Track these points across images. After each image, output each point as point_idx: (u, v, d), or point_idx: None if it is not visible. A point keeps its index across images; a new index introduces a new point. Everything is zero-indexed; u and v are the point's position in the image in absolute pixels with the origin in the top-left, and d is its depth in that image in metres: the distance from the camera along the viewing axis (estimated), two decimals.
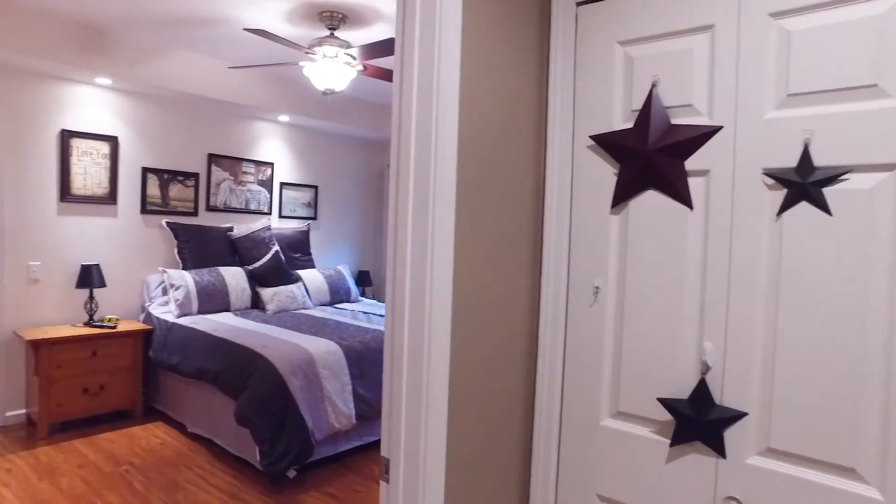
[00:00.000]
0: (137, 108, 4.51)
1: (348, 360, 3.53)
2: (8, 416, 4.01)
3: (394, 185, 1.34)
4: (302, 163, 5.72)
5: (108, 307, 4.40)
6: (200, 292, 4.33)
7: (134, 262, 4.54)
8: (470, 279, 1.39)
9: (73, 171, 4.19)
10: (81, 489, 3.13)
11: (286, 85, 5.04)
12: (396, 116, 1.33)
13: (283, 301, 4.68)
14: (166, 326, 4.11)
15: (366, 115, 5.74)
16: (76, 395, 3.89)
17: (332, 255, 6.06)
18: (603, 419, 1.51)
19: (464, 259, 1.37)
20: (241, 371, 3.32)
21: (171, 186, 4.73)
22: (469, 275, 1.39)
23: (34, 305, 4.08)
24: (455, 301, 1.35)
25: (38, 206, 4.07)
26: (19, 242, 4.01)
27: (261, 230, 5.03)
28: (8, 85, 3.91)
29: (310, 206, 5.80)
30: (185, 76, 4.36)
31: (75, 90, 4.20)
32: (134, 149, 4.51)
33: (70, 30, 3.81)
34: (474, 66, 1.37)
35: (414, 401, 1.32)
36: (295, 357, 3.33)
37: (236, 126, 5.16)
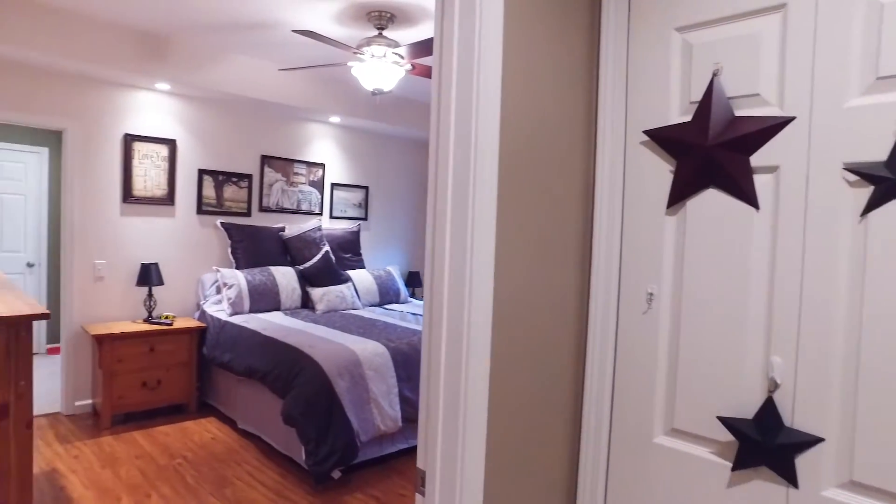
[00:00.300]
0: (194, 112, 4.64)
1: (395, 361, 3.50)
2: (77, 406, 4.20)
3: (432, 184, 1.28)
4: (353, 163, 5.75)
5: (165, 304, 4.54)
6: (252, 291, 4.41)
7: (190, 261, 4.67)
8: (512, 283, 1.31)
9: (135, 174, 4.35)
10: (138, 479, 3.22)
11: (336, 86, 5.07)
12: (435, 112, 1.27)
13: (333, 301, 4.71)
14: (219, 324, 4.20)
15: (415, 114, 5.72)
16: (135, 388, 4.03)
17: (383, 255, 6.07)
18: (656, 436, 1.39)
19: (506, 262, 1.29)
20: (289, 371, 3.34)
21: (225, 187, 4.84)
22: (511, 278, 1.31)
23: (99, 302, 4.25)
24: (496, 306, 1.27)
25: (104, 207, 4.24)
26: (86, 241, 4.18)
27: (312, 230, 5.08)
28: (79, 93, 4.09)
29: (360, 206, 5.83)
30: (238, 80, 4.45)
31: (137, 96, 4.35)
32: (191, 151, 4.64)
33: (133, 38, 3.94)
34: (518, 58, 1.29)
35: (451, 411, 1.25)
36: (341, 358, 3.33)
37: (288, 128, 5.24)
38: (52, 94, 4.01)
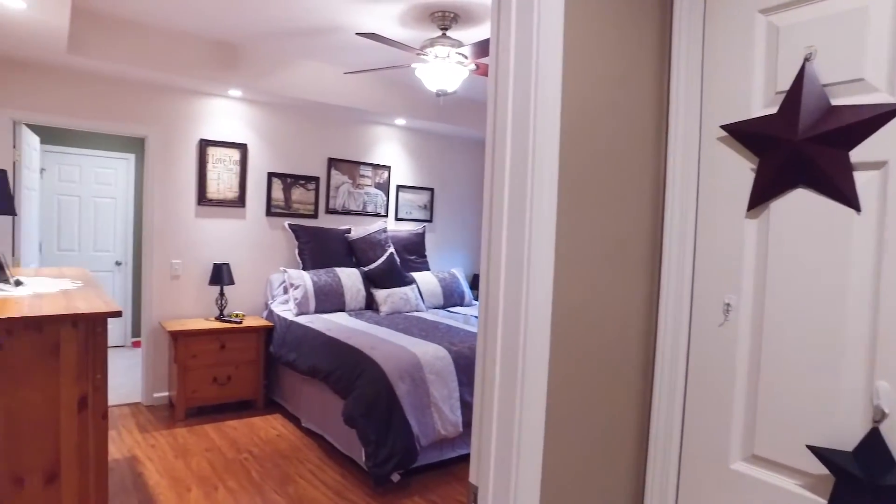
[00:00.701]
0: (264, 117, 4.78)
1: (457, 366, 3.44)
2: (155, 397, 4.41)
3: (487, 187, 1.21)
4: (418, 165, 5.76)
5: (236, 303, 4.70)
6: (317, 292, 4.48)
7: (259, 261, 4.81)
8: (573, 291, 1.22)
9: (209, 177, 4.52)
10: (207, 471, 3.33)
11: (402, 88, 5.09)
12: (491, 112, 1.20)
13: (397, 303, 4.72)
14: (285, 324, 4.30)
15: (480, 115, 5.65)
16: (207, 383, 4.18)
17: (447, 257, 6.05)
18: (733, 462, 1.26)
19: (567, 269, 1.20)
20: (350, 372, 3.35)
21: (293, 190, 4.96)
22: (572, 287, 1.22)
23: (175, 299, 4.45)
24: (555, 317, 1.19)
25: (180, 209, 4.44)
26: (164, 242, 4.39)
27: (377, 232, 5.12)
28: (159, 102, 4.30)
29: (426, 208, 5.83)
30: (305, 84, 4.54)
31: (212, 102, 4.53)
32: (261, 155, 4.78)
33: (208, 48, 4.10)
34: (580, 47, 1.20)
35: (505, 427, 1.18)
36: (402, 361, 3.31)
37: (354, 130, 5.31)
38: (135, 103, 4.23)
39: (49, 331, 1.88)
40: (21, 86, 3.87)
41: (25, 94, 3.89)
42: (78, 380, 1.93)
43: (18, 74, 3.86)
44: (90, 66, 3.85)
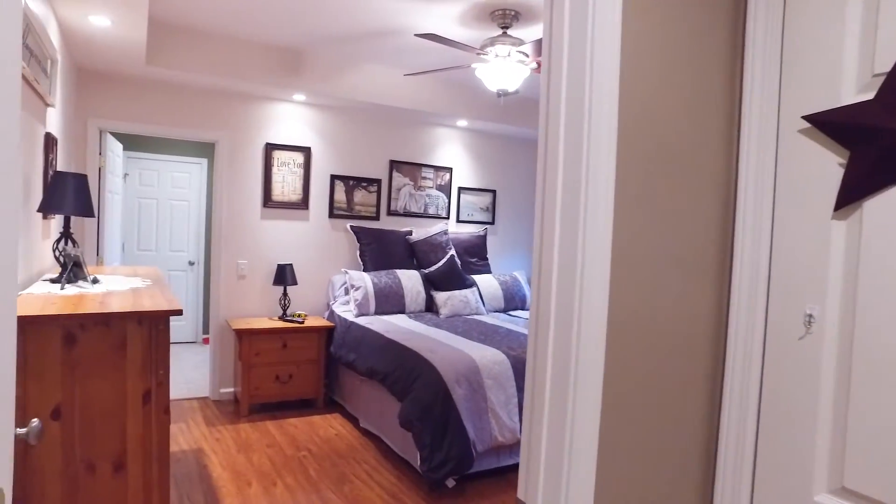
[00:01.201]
0: (327, 120, 4.86)
1: (515, 371, 3.36)
2: (222, 393, 4.57)
3: (540, 190, 1.14)
4: (480, 167, 5.71)
5: (298, 303, 4.80)
6: (378, 294, 4.51)
7: (321, 262, 4.89)
8: (631, 298, 1.13)
9: (274, 180, 4.65)
10: (267, 467, 3.40)
11: (463, 89, 5.05)
12: (543, 111, 1.13)
13: (457, 306, 4.68)
14: (346, 325, 4.34)
15: None
16: (269, 381, 4.28)
17: (509, 260, 5.96)
18: (817, 494, 1.13)
19: (624, 274, 1.11)
20: (407, 374, 3.34)
21: (355, 192, 5.02)
22: (630, 293, 1.13)
23: (241, 298, 4.59)
24: (611, 323, 1.10)
25: (247, 211, 4.58)
26: (232, 242, 4.54)
27: (438, 234, 5.10)
28: (228, 108, 4.46)
29: (487, 210, 5.77)
30: (367, 87, 4.58)
31: (277, 107, 4.65)
32: (324, 158, 4.87)
33: (274, 55, 4.21)
34: (640, 38, 1.11)
35: (556, 440, 1.10)
36: (460, 364, 3.26)
37: (416, 132, 5.32)
38: (206, 110, 4.41)
39: (116, 327, 1.95)
40: (105, 97, 4.11)
41: (109, 104, 4.12)
42: (142, 374, 2.00)
43: (103, 86, 4.10)
44: (165, 76, 4.04)
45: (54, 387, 1.88)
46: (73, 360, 1.90)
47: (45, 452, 1.89)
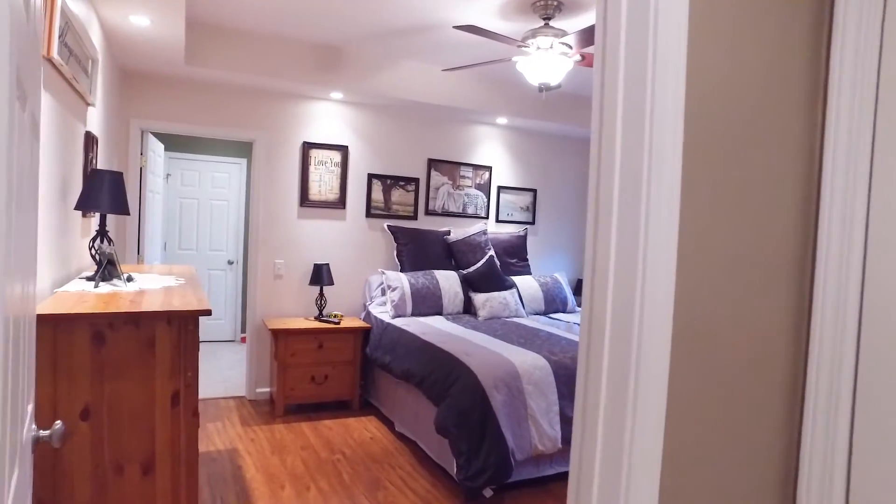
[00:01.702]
0: (365, 119, 4.80)
1: (556, 377, 3.21)
2: (258, 392, 4.56)
3: (593, 184, 1.00)
4: (520, 165, 5.56)
5: (334, 303, 4.75)
6: (415, 294, 4.42)
7: (358, 262, 4.83)
8: (700, 301, 0.99)
9: (311, 179, 4.61)
10: (300, 470, 3.34)
11: (503, 86, 4.92)
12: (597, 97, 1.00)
13: (495, 307, 4.55)
14: (382, 326, 4.26)
15: (585, 111, 5.35)
16: (305, 382, 4.24)
17: (550, 261, 5.79)
18: None
19: (692, 276, 0.97)
20: (444, 378, 3.23)
21: (393, 191, 4.94)
22: (699, 296, 0.98)
23: (278, 298, 4.57)
24: (676, 330, 0.96)
25: (284, 210, 4.56)
26: (269, 242, 4.53)
27: (477, 234, 4.98)
28: (266, 107, 4.45)
29: (527, 210, 5.62)
30: (406, 85, 4.50)
31: (314, 105, 4.61)
32: (361, 156, 4.81)
33: (312, 53, 4.17)
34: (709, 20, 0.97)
35: (612, 457, 0.97)
36: (499, 369, 3.13)
37: (455, 130, 5.21)
38: (244, 109, 4.40)
39: (145, 326, 1.90)
40: (147, 97, 4.14)
41: (150, 105, 4.15)
42: (171, 376, 1.94)
43: (145, 87, 4.13)
44: (204, 76, 4.04)
45: (83, 387, 1.84)
46: (101, 360, 1.86)
47: (74, 453, 1.85)
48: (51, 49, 2.05)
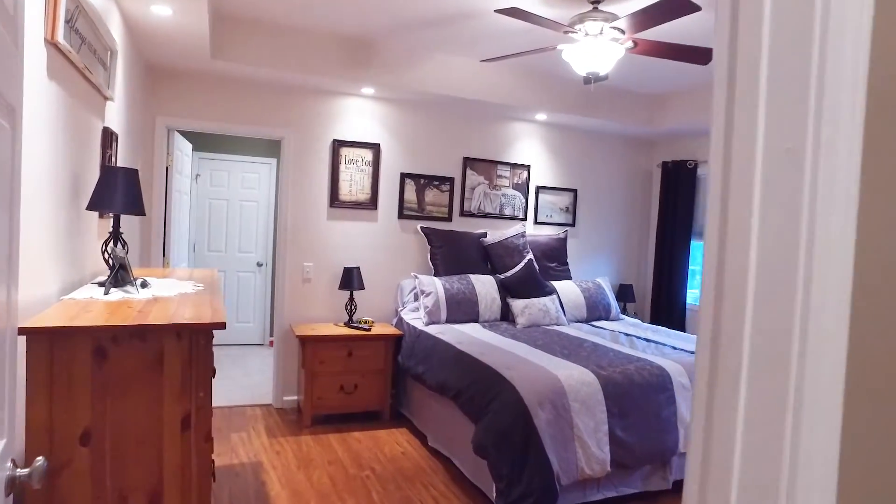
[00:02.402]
0: (397, 115, 4.58)
1: (605, 393, 2.91)
2: (285, 401, 4.37)
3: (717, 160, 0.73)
4: (560, 164, 5.26)
5: (365, 309, 4.53)
6: (449, 300, 4.16)
7: (390, 266, 4.61)
8: (888, 324, 0.70)
9: (341, 178, 4.40)
10: (327, 487, 3.13)
11: (543, 79, 4.63)
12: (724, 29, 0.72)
13: (535, 315, 4.26)
14: (415, 333, 4.02)
15: (633, 107, 5.02)
16: (334, 391, 4.03)
17: (591, 265, 5.47)
18: None
19: (876, 291, 0.68)
20: (483, 394, 2.96)
21: (426, 191, 4.70)
22: (886, 318, 0.70)
23: (306, 303, 4.38)
24: (852, 367, 0.68)
25: (313, 211, 4.36)
26: (298, 244, 4.33)
27: (515, 236, 4.70)
28: (295, 104, 4.26)
29: (568, 211, 5.31)
30: (440, 79, 4.25)
31: (345, 102, 4.41)
32: (393, 155, 4.58)
33: (341, 45, 3.96)
34: None
35: None
36: (543, 385, 2.85)
37: (491, 128, 4.94)
38: (272, 106, 4.22)
39: (152, 341, 1.69)
40: (173, 94, 3.99)
41: (176, 102, 4.00)
42: (181, 396, 1.73)
43: (171, 83, 3.99)
44: (231, 72, 3.87)
45: (83, 408, 1.64)
46: (103, 378, 1.65)
47: (73, 482, 1.65)
48: (55, 33, 1.86)
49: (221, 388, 4.74)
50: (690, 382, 3.15)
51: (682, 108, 4.86)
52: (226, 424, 3.98)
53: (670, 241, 5.33)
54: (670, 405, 3.05)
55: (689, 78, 4.60)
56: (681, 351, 3.57)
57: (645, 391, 2.99)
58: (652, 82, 4.74)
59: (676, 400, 3.07)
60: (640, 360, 3.25)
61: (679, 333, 4.22)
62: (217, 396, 4.50)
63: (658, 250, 5.45)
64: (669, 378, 3.10)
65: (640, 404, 2.96)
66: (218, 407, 4.29)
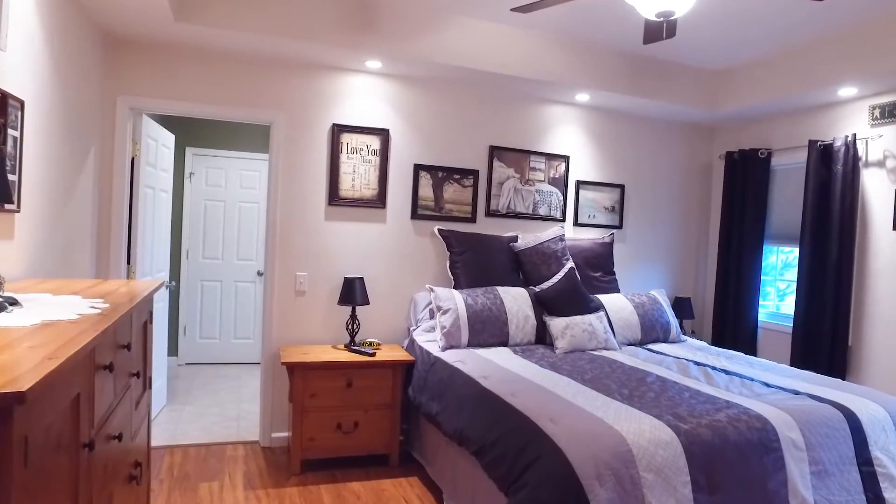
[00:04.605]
0: (410, 96, 3.81)
1: (690, 458, 2.07)
2: (275, 438, 3.62)
3: None
4: (605, 155, 4.43)
5: (370, 328, 3.76)
6: (472, 318, 3.36)
7: (401, 276, 3.83)
8: None
9: (342, 171, 3.66)
10: None
11: (586, 51, 3.82)
12: None
13: (578, 337, 3.43)
14: (428, 360, 3.23)
15: (690, 86, 4.17)
16: (329, 430, 3.26)
17: (641, 275, 4.61)
18: None
19: None
20: (516, 455, 2.15)
21: (445, 187, 3.92)
22: None
23: (299, 321, 3.63)
24: None
25: (308, 209, 3.63)
26: (289, 250, 3.60)
27: (552, 241, 3.89)
28: (285, 81, 3.55)
29: (613, 210, 4.47)
30: (460, 48, 3.48)
31: (346, 79, 3.67)
32: (405, 143, 3.82)
33: (339, 7, 3.22)
34: None
35: None
36: (602, 446, 2.02)
37: (523, 111, 4.15)
38: (259, 83, 3.51)
39: None
40: (136, 70, 3.31)
41: (141, 79, 3.32)
42: None
43: (132, 57, 3.30)
44: (205, 40, 3.15)
45: None
46: None
47: None
48: None
49: (203, 419, 4.01)
50: (804, 439, 2.28)
51: (750, 85, 4.00)
52: (197, 470, 3.24)
53: (737, 246, 4.44)
54: (778, 472, 2.18)
55: (757, 49, 3.75)
56: (778, 390, 2.70)
57: (744, 453, 2.14)
58: (713, 55, 3.89)
59: (787, 464, 2.20)
60: (731, 405, 2.39)
61: (765, 362, 3.33)
62: (196, 430, 3.78)
63: (722, 257, 4.56)
64: (776, 433, 2.23)
65: (737, 473, 2.11)
66: (193, 445, 3.55)
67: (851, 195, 3.68)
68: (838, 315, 3.68)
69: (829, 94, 3.68)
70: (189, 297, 5.46)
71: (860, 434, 2.43)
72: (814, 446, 2.29)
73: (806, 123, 4.06)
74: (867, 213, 3.67)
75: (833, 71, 3.48)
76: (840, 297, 3.68)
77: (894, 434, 2.52)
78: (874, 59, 3.27)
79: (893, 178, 3.55)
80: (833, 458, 2.33)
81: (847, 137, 3.68)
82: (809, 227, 3.85)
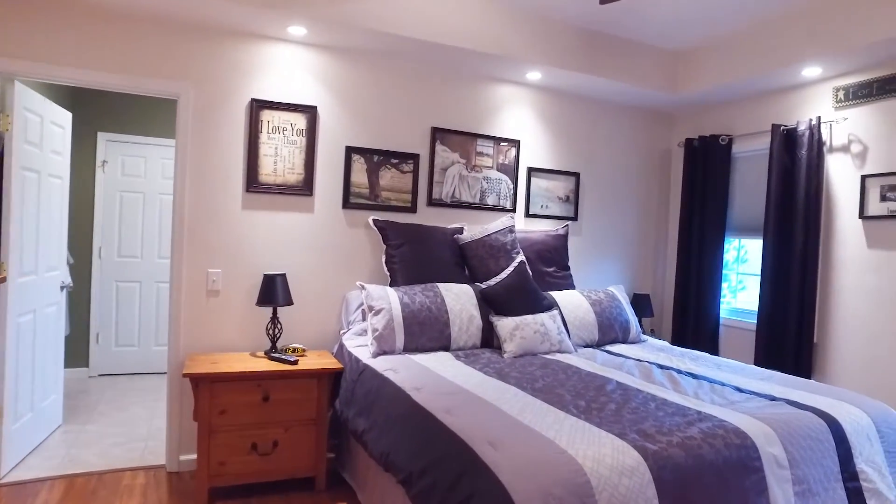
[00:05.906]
0: (341, 69, 3.38)
1: (659, 485, 1.70)
2: (182, 461, 3.13)
3: None
4: (559, 141, 4.09)
5: (295, 332, 3.30)
6: (408, 319, 2.95)
7: (331, 272, 3.39)
8: None
9: (262, 153, 3.19)
10: None
11: (539, 23, 3.47)
12: None
13: (529, 339, 3.06)
14: (357, 368, 2.80)
15: (650, 66, 3.88)
16: (242, 452, 2.79)
17: (598, 270, 4.29)
18: None
19: None
20: (448, 487, 1.74)
21: (381, 172, 3.50)
22: None
23: (213, 324, 3.14)
24: None
25: (222, 197, 3.15)
26: (199, 244, 3.11)
27: (500, 232, 3.51)
28: (196, 49, 3.06)
29: (568, 200, 4.14)
30: (397, 14, 3.07)
31: (267, 48, 3.20)
32: (336, 122, 3.38)
33: None
34: None
35: None
36: (555, 479, 1.63)
37: (470, 90, 3.76)
38: (163, 50, 3.01)
39: None
40: (11, 26, 2.77)
41: (12, 39, 2.78)
42: None
43: (7, 9, 2.76)
44: None
45: None
46: None
47: None
48: None
49: (105, 440, 3.47)
50: (786, 455, 1.96)
51: (711, 66, 3.73)
52: (84, 500, 2.72)
53: (698, 238, 4.17)
54: (760, 496, 1.85)
55: (718, 27, 3.48)
56: (753, 395, 2.38)
57: (722, 476, 1.79)
58: (673, 33, 3.61)
59: (769, 486, 1.87)
60: (703, 416, 2.05)
61: (733, 363, 3.03)
62: (92, 455, 3.25)
63: (682, 251, 4.28)
64: (756, 449, 1.90)
65: (716, 501, 1.75)
66: (83, 474, 3.02)
67: (816, 182, 3.44)
68: (804, 311, 3.44)
69: (793, 75, 3.44)
70: (103, 301, 4.87)
71: (844, 445, 2.13)
72: (797, 462, 1.97)
73: (769, 107, 3.82)
74: (832, 200, 3.44)
75: (797, 49, 3.23)
76: (805, 291, 3.44)
77: (879, 443, 2.24)
78: (839, 35, 3.03)
79: (859, 164, 3.32)
80: (817, 476, 2.01)
81: (811, 121, 3.44)
82: (773, 216, 3.60)
